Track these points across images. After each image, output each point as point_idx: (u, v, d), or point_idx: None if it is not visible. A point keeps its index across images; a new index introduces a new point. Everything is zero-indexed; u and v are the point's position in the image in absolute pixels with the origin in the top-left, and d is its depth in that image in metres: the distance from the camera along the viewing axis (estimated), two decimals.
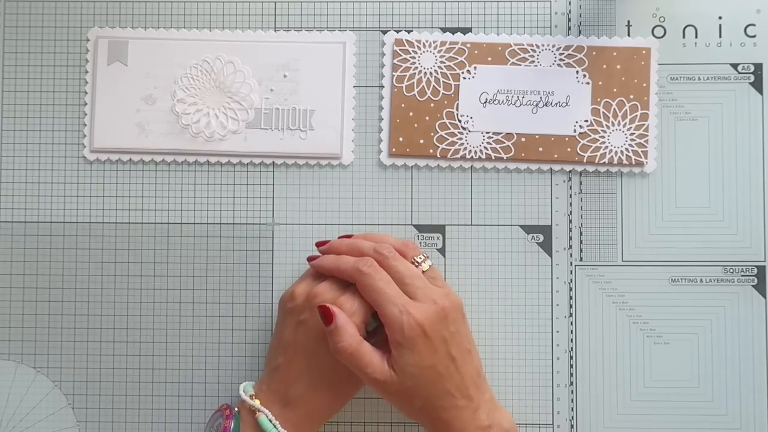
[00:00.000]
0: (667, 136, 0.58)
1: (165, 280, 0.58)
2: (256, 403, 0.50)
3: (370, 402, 0.57)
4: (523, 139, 0.58)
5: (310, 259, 0.54)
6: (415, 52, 0.58)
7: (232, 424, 0.50)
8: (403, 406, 0.50)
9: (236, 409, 0.51)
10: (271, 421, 0.49)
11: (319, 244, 0.54)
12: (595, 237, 0.58)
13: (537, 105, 0.58)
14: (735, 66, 0.58)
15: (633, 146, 0.57)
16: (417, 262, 0.52)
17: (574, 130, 0.57)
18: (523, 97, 0.58)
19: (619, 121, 0.57)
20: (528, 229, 0.58)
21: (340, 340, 0.48)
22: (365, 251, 0.51)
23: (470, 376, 0.50)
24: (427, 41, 0.58)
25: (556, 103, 0.58)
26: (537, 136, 0.58)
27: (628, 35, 0.58)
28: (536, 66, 0.58)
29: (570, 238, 0.58)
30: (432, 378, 0.49)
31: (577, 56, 0.58)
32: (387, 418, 0.57)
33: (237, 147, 0.58)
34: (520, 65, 0.58)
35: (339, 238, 0.55)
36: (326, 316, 0.49)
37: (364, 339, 0.50)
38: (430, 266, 0.52)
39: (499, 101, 0.58)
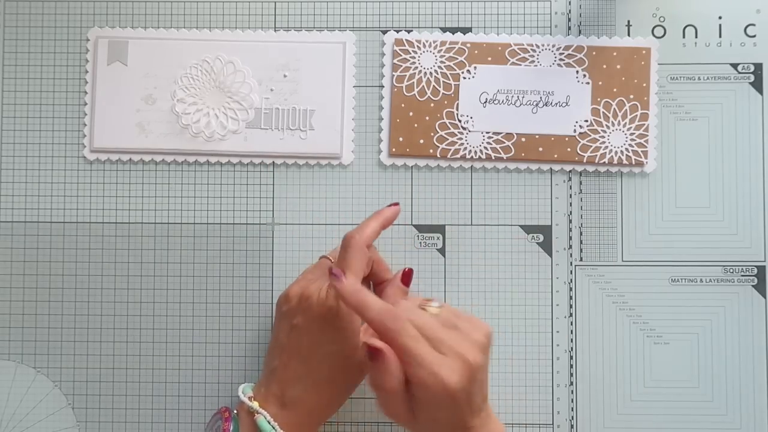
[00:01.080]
0: (667, 136, 0.58)
1: (165, 280, 0.58)
2: (255, 404, 0.50)
3: (370, 402, 0.57)
4: (523, 139, 0.58)
5: (332, 272, 0.47)
6: (415, 52, 0.58)
7: (231, 426, 0.50)
8: (406, 428, 0.49)
9: (235, 411, 0.51)
10: (269, 422, 0.49)
11: (332, 272, 0.47)
12: (595, 237, 0.58)
13: (537, 105, 0.58)
14: (735, 66, 0.58)
15: (633, 146, 0.57)
16: (426, 308, 0.48)
17: (574, 130, 0.57)
18: (523, 97, 0.58)
19: (619, 121, 0.57)
20: (528, 229, 0.58)
21: (386, 381, 0.45)
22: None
23: (477, 407, 0.47)
24: (427, 41, 0.58)
25: (556, 103, 0.58)
26: (537, 136, 0.58)
27: (628, 35, 0.58)
28: (536, 66, 0.58)
29: (570, 238, 0.58)
30: (443, 421, 0.47)
31: (577, 56, 0.58)
32: (387, 418, 0.57)
33: (237, 147, 0.58)
34: (520, 65, 0.58)
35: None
36: (375, 355, 0.45)
37: None
38: (440, 306, 0.48)
39: (499, 101, 0.58)
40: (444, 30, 0.58)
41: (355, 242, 0.50)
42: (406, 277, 0.53)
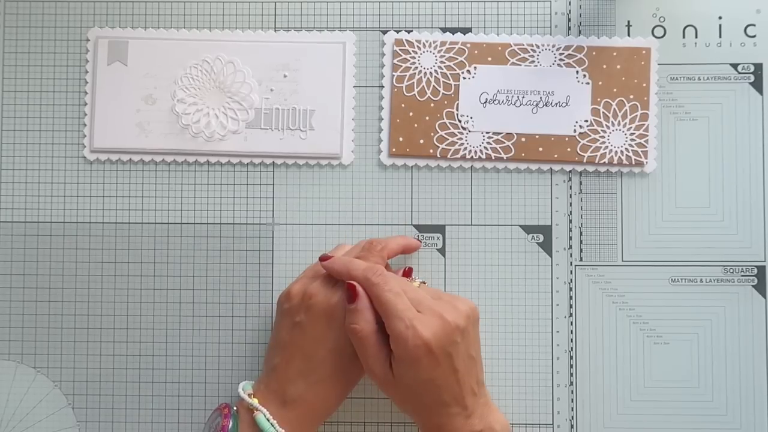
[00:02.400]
0: (667, 136, 0.58)
1: (165, 280, 0.58)
2: (255, 402, 0.50)
3: (370, 402, 0.57)
4: (523, 139, 0.58)
5: (322, 258, 0.52)
6: (415, 52, 0.58)
7: (231, 423, 0.50)
8: (396, 402, 0.51)
9: (235, 408, 0.51)
10: (268, 419, 0.49)
11: (322, 259, 0.52)
12: (595, 237, 0.58)
13: (537, 105, 0.58)
14: (735, 66, 0.58)
15: (633, 146, 0.57)
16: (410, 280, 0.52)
17: (574, 130, 0.57)
18: (523, 97, 0.58)
19: (619, 121, 0.57)
20: (528, 229, 0.58)
21: (355, 321, 0.49)
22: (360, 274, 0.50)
23: (469, 386, 0.49)
24: (427, 41, 0.58)
25: (556, 103, 0.58)
26: (537, 136, 0.58)
27: (628, 35, 0.58)
28: (536, 66, 0.58)
29: (570, 238, 0.58)
30: (429, 389, 0.49)
31: (577, 56, 0.58)
32: (387, 418, 0.57)
33: (237, 147, 0.58)
34: (520, 65, 0.58)
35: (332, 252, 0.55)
36: (351, 294, 0.49)
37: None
38: (421, 283, 0.52)
39: (499, 101, 0.58)
40: (444, 30, 0.58)
41: (374, 245, 0.53)
42: (406, 275, 0.54)
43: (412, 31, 0.58)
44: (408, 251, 0.56)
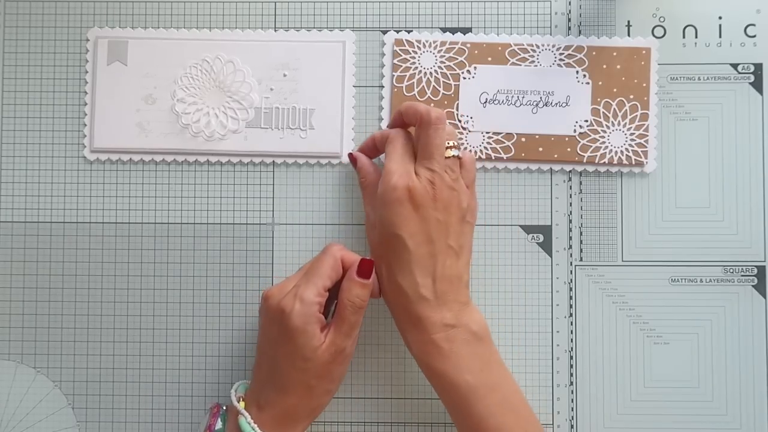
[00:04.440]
0: (667, 136, 0.58)
1: (165, 280, 0.58)
2: (240, 405, 0.50)
3: (370, 402, 0.57)
4: (523, 139, 0.58)
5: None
6: (415, 52, 0.58)
7: (219, 422, 0.51)
8: (378, 275, 0.52)
9: (224, 407, 0.52)
10: (249, 423, 0.49)
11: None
12: (595, 237, 0.58)
13: (537, 105, 0.58)
14: (735, 66, 0.58)
15: (633, 146, 0.57)
16: (448, 145, 0.51)
17: (574, 130, 0.57)
18: (523, 97, 0.58)
19: (619, 121, 0.57)
20: (528, 229, 0.58)
21: (361, 177, 0.54)
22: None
23: (444, 273, 0.50)
24: (427, 41, 0.58)
25: (556, 103, 0.58)
26: (537, 136, 0.58)
27: (628, 35, 0.58)
28: (536, 66, 0.58)
29: (570, 238, 0.58)
30: (399, 247, 0.50)
31: (577, 56, 0.58)
32: (387, 418, 0.57)
33: (237, 146, 0.58)
34: (520, 65, 0.58)
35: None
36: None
37: (323, 318, 0.50)
38: (454, 156, 0.51)
39: (499, 101, 0.58)
40: (444, 30, 0.58)
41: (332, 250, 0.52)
42: (363, 267, 0.51)
43: (412, 31, 0.58)
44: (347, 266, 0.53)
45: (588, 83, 0.58)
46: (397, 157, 0.51)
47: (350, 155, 0.56)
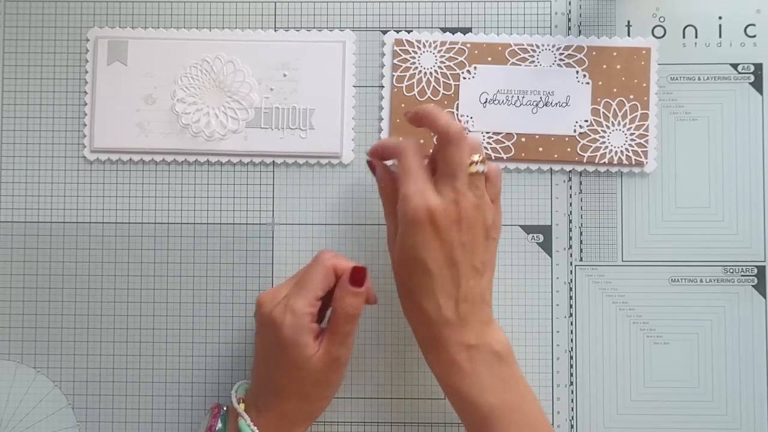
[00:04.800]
0: (667, 136, 0.58)
1: (165, 280, 0.58)
2: (240, 407, 0.50)
3: (370, 402, 0.57)
4: (523, 139, 0.58)
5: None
6: (415, 52, 0.58)
7: (219, 424, 0.50)
8: (399, 293, 0.51)
9: (225, 408, 0.52)
10: (249, 426, 0.49)
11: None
12: (595, 237, 0.58)
13: (537, 105, 0.58)
14: (735, 66, 0.58)
15: (633, 146, 0.57)
16: (473, 160, 0.49)
17: (574, 130, 0.57)
18: (523, 97, 0.58)
19: (619, 121, 0.57)
20: (528, 229, 0.58)
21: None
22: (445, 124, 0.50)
23: (467, 294, 0.48)
24: (427, 41, 0.58)
25: (556, 103, 0.58)
26: (537, 136, 0.58)
27: (628, 35, 0.58)
28: (536, 66, 0.58)
29: (570, 238, 0.58)
30: (420, 271, 0.48)
31: (577, 56, 0.58)
32: (387, 418, 0.57)
33: (237, 146, 0.58)
34: (520, 65, 0.58)
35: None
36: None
37: (317, 327, 0.49)
38: (480, 171, 0.49)
39: (499, 101, 0.58)
40: (444, 30, 0.58)
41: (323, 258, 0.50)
42: (355, 276, 0.50)
43: (412, 31, 0.58)
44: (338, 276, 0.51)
45: (588, 83, 0.58)
46: (414, 177, 0.49)
47: (369, 163, 0.53)
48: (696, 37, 0.58)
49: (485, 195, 0.49)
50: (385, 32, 0.59)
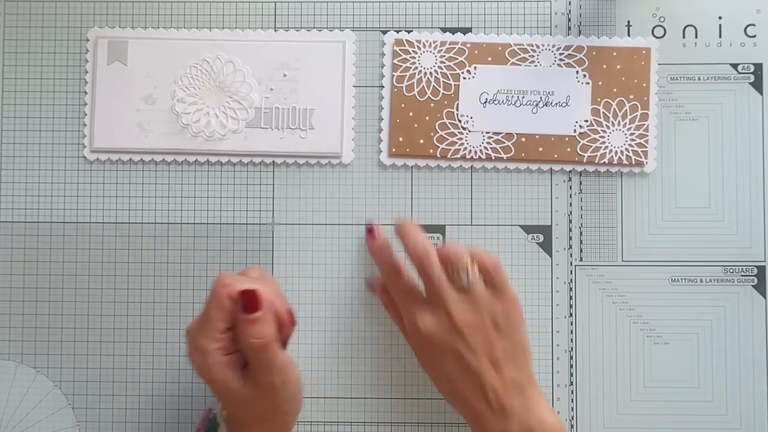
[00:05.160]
0: (667, 136, 0.58)
1: (165, 280, 0.58)
2: (222, 414, 0.50)
3: (370, 402, 0.57)
4: (523, 139, 0.58)
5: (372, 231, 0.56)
6: (415, 52, 0.58)
7: (204, 428, 0.50)
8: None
9: (214, 412, 0.51)
10: None
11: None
12: (595, 237, 0.58)
13: (537, 105, 0.58)
14: (735, 66, 0.58)
15: (633, 146, 0.57)
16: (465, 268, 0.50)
17: (574, 130, 0.57)
18: (523, 97, 0.58)
19: (619, 121, 0.57)
20: (528, 229, 0.58)
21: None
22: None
23: (495, 386, 0.48)
24: (427, 41, 0.58)
25: (556, 103, 0.58)
26: (537, 136, 0.58)
27: (628, 35, 0.58)
28: (536, 66, 0.58)
29: (570, 238, 0.58)
30: (443, 381, 0.50)
31: (577, 56, 0.58)
32: (387, 418, 0.57)
33: (237, 146, 0.58)
34: (520, 65, 0.58)
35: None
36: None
37: (236, 356, 0.47)
38: (465, 286, 0.50)
39: (499, 101, 0.58)
40: (444, 30, 0.58)
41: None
42: (246, 301, 0.46)
43: (412, 31, 0.58)
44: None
45: (588, 83, 0.58)
46: (405, 305, 0.51)
47: (370, 284, 0.57)
48: (696, 37, 0.58)
49: (480, 294, 0.50)
50: (385, 32, 0.59)
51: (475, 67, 0.58)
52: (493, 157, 0.58)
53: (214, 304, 0.46)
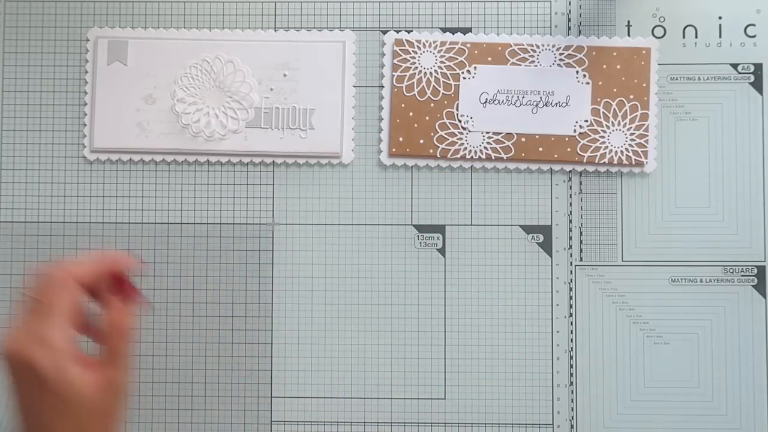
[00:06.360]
0: (667, 136, 0.58)
1: (165, 280, 0.58)
2: None
3: (370, 402, 0.57)
4: (523, 139, 0.58)
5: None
6: (415, 52, 0.58)
7: None
8: None
9: None
10: None
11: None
12: (595, 237, 0.58)
13: (537, 105, 0.58)
14: (735, 66, 0.58)
15: (633, 146, 0.57)
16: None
17: (574, 130, 0.57)
18: (523, 97, 0.58)
19: (619, 121, 0.57)
20: (528, 229, 0.58)
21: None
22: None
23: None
24: (427, 41, 0.58)
25: (556, 103, 0.58)
26: (537, 136, 0.58)
27: (628, 35, 0.58)
28: (536, 66, 0.58)
29: (570, 238, 0.58)
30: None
31: (577, 56, 0.58)
32: (387, 418, 0.57)
33: (237, 146, 0.58)
34: (520, 65, 0.58)
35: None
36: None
37: (83, 355, 0.44)
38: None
39: (499, 101, 0.58)
40: (444, 30, 0.58)
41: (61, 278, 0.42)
42: (118, 285, 0.44)
43: (412, 31, 0.58)
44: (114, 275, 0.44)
45: (588, 83, 0.58)
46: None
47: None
48: (696, 37, 0.58)
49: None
50: (385, 32, 0.59)
51: (475, 67, 0.58)
52: (493, 157, 0.58)
53: (65, 294, 0.42)
